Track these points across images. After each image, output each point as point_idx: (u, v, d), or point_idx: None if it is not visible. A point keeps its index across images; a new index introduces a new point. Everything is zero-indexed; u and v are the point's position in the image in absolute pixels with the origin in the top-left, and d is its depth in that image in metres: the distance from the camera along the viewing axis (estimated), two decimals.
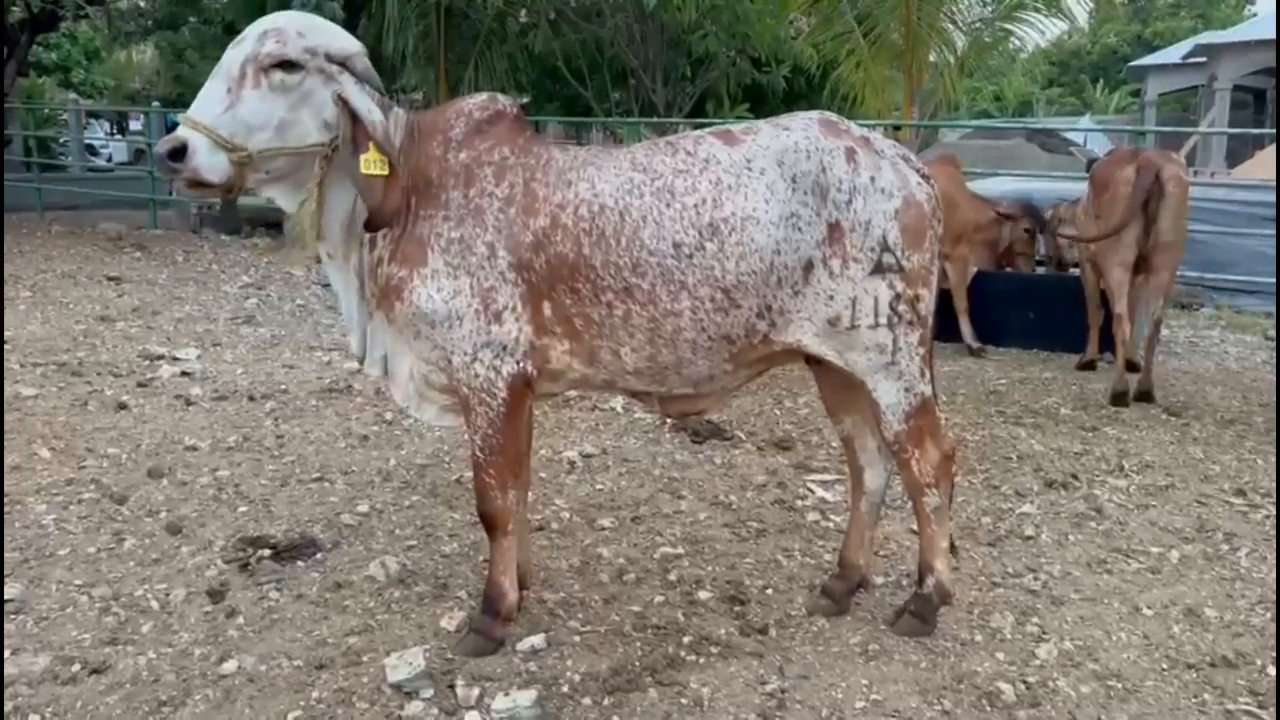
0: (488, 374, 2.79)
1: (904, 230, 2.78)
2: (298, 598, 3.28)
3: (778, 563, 3.60)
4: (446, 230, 2.78)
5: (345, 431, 5.04)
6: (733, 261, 2.72)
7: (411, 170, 2.80)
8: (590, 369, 2.88)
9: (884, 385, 2.87)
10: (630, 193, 2.77)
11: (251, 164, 2.64)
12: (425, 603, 3.27)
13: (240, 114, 2.60)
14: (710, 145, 2.82)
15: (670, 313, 2.75)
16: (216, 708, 2.66)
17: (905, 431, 2.91)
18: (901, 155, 2.90)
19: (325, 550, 3.64)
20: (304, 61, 2.63)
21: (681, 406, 3.05)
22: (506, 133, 2.87)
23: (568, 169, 2.83)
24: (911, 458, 2.95)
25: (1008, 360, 7.11)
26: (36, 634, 3.02)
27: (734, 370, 2.91)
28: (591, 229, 2.74)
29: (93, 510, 3.96)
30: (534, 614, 3.18)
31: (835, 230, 2.74)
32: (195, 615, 3.15)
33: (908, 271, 2.79)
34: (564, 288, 2.77)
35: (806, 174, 2.75)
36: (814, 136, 2.80)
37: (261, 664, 2.87)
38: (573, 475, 4.52)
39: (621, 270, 2.74)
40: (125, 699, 2.68)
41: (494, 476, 2.89)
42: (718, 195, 2.74)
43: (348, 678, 2.81)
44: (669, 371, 2.86)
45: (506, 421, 2.84)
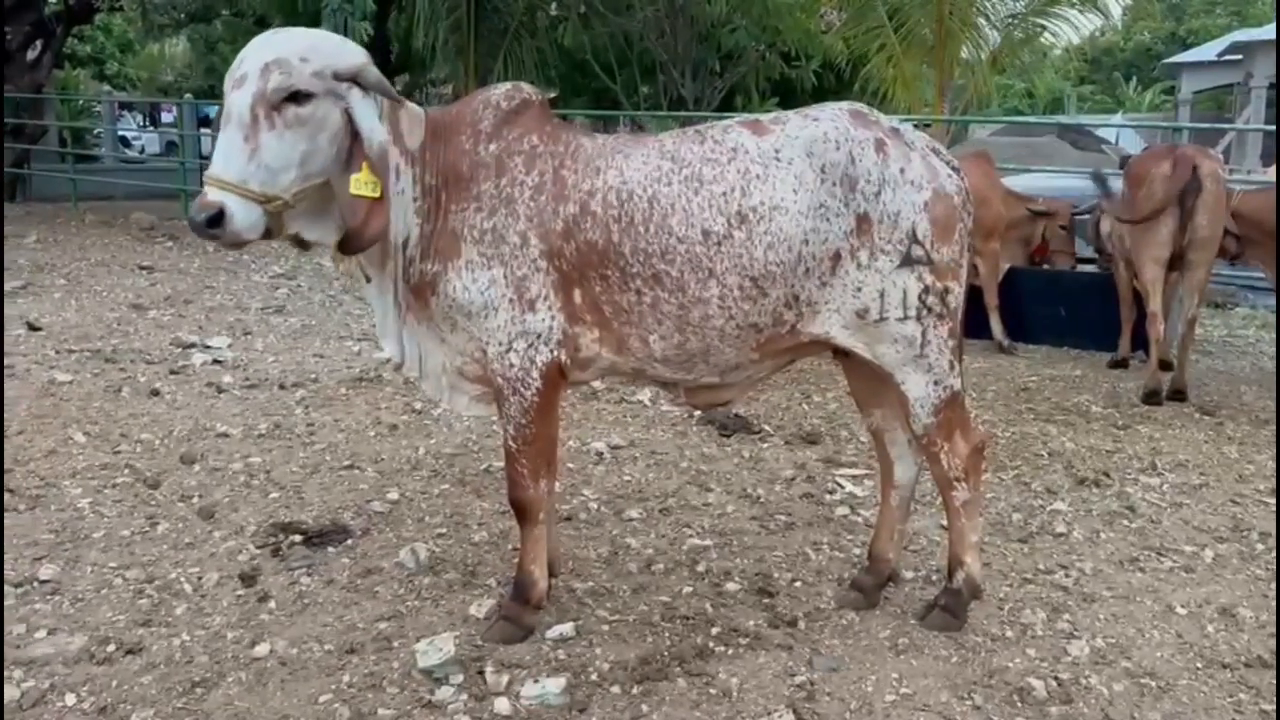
0: (522, 363, 2.79)
1: (933, 222, 2.76)
2: (329, 583, 3.30)
3: (806, 556, 3.59)
4: (479, 221, 2.78)
5: (375, 420, 5.07)
6: (761, 250, 2.72)
7: (440, 167, 2.79)
8: (619, 357, 2.87)
9: (913, 378, 2.85)
10: (659, 180, 2.76)
11: (286, 209, 2.58)
12: (454, 590, 3.28)
13: (264, 161, 2.49)
14: (738, 134, 2.82)
15: (698, 300, 2.75)
16: (248, 690, 2.69)
17: (934, 425, 2.89)
18: (932, 147, 2.88)
19: (356, 537, 3.67)
20: (314, 89, 2.52)
21: (707, 397, 3.05)
22: (534, 121, 2.86)
23: (596, 156, 2.83)
24: (941, 451, 2.93)
25: (1038, 357, 7.04)
26: (72, 614, 3.06)
27: (760, 360, 2.90)
28: (621, 216, 2.75)
29: (127, 494, 4.00)
30: (563, 602, 3.19)
31: (863, 221, 2.73)
32: (228, 599, 3.18)
33: (937, 264, 2.77)
34: (594, 274, 2.77)
35: (835, 164, 2.74)
36: (843, 127, 2.79)
37: (293, 648, 2.89)
38: (600, 466, 4.52)
39: (650, 257, 2.74)
40: (159, 679, 2.71)
41: (526, 465, 2.89)
42: (746, 184, 2.74)
43: (378, 663, 2.82)
44: (697, 360, 2.86)
45: (539, 411, 2.84)
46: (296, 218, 2.67)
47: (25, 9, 13.46)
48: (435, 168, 2.80)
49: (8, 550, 3.46)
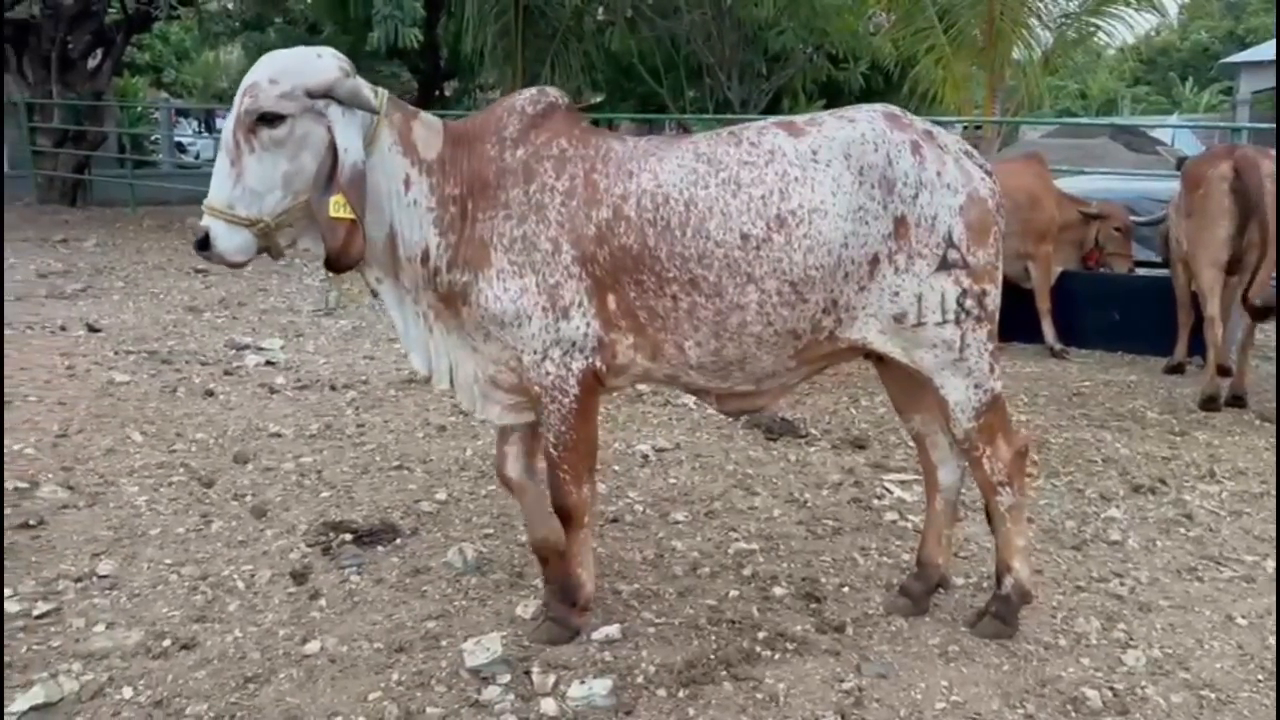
0: (558, 371, 2.76)
1: (969, 226, 2.74)
2: (378, 582, 3.34)
3: (854, 561, 3.56)
4: (509, 229, 2.73)
5: (423, 422, 5.12)
6: (800, 254, 2.68)
7: (465, 176, 2.76)
8: (654, 364, 2.84)
9: (952, 382, 2.81)
10: (695, 183, 2.72)
11: (274, 230, 2.61)
12: (501, 590, 3.30)
13: (247, 184, 2.55)
14: (774, 136, 2.78)
15: (736, 306, 2.71)
16: (299, 687, 2.72)
17: (975, 429, 2.85)
18: (965, 150, 2.86)
19: (404, 536, 3.70)
20: (285, 110, 2.53)
21: (739, 404, 3.01)
22: (562, 125, 2.82)
23: (629, 159, 2.78)
24: (983, 455, 2.89)
25: (1091, 362, 6.92)
26: (130, 609, 3.12)
27: (797, 367, 2.88)
28: (656, 219, 2.71)
29: (182, 493, 4.08)
30: (608, 604, 3.19)
31: (901, 225, 2.71)
32: (279, 596, 3.23)
33: (973, 267, 2.75)
34: (628, 280, 2.73)
35: (874, 166, 2.71)
36: (880, 129, 2.76)
37: (343, 645, 2.92)
38: (646, 469, 4.52)
39: (687, 261, 2.70)
40: (213, 675, 2.76)
41: (569, 471, 2.88)
42: (785, 187, 2.70)
43: (426, 661, 2.85)
44: (733, 367, 2.82)
45: (579, 417, 2.82)
46: (306, 233, 2.70)
47: (87, 18, 13.80)
48: (459, 177, 2.76)
49: (69, 546, 3.55)
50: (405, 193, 2.73)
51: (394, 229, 2.75)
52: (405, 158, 2.72)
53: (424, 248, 2.76)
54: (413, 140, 2.74)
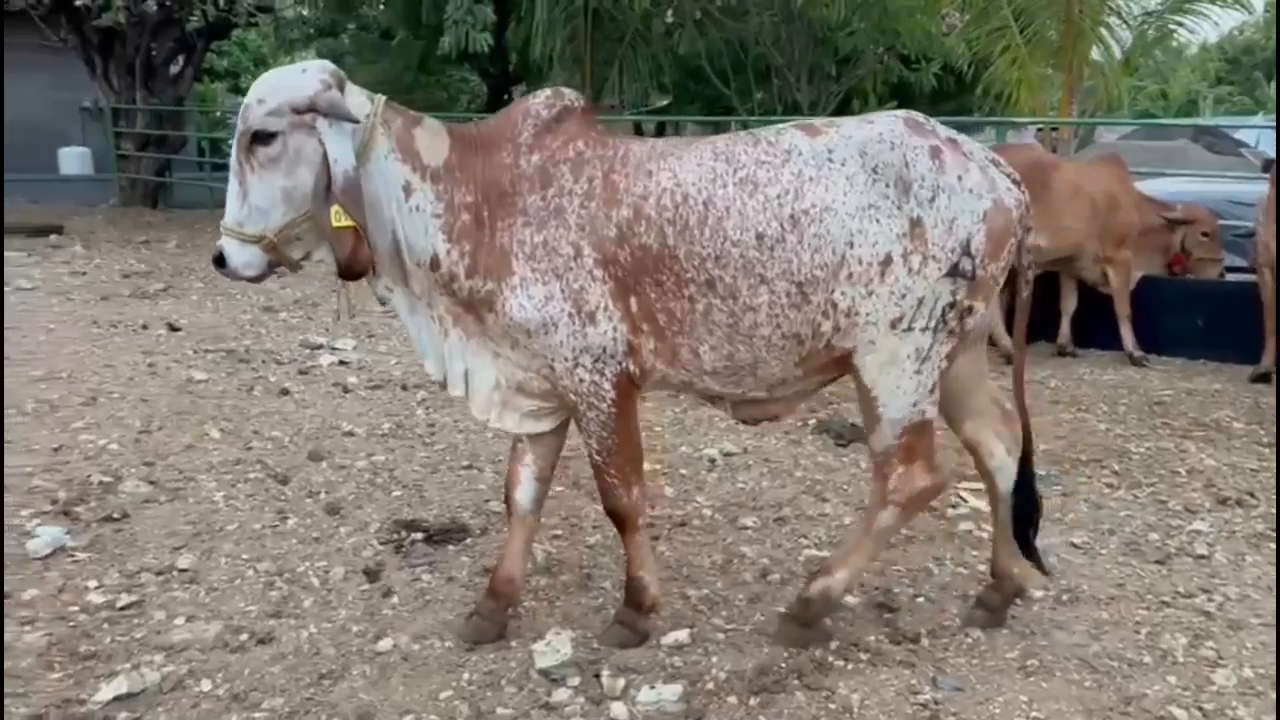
0: (592, 378, 2.74)
1: (989, 235, 2.68)
2: (449, 581, 3.36)
3: (928, 571, 3.49)
4: (529, 236, 2.71)
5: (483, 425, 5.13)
6: (808, 254, 2.65)
7: (481, 183, 2.74)
8: (671, 369, 2.82)
9: (896, 397, 2.73)
10: (714, 182, 2.70)
11: (281, 244, 2.66)
12: (570, 592, 3.30)
13: (252, 202, 2.63)
14: (792, 136, 2.76)
15: (749, 307, 2.69)
16: (373, 684, 2.75)
17: (895, 447, 2.77)
18: (991, 159, 2.80)
19: (475, 536, 3.72)
20: (274, 127, 2.58)
21: (753, 411, 2.98)
22: (578, 127, 2.80)
23: (647, 159, 2.76)
24: (893, 472, 2.80)
25: (1172, 370, 6.71)
26: (208, 603, 3.18)
27: (804, 375, 2.84)
28: (675, 219, 2.68)
29: (258, 489, 4.16)
30: (677, 609, 3.17)
31: (918, 225, 2.65)
32: (353, 593, 3.27)
33: (978, 280, 2.69)
34: (648, 280, 2.71)
35: (889, 165, 2.67)
36: (899, 130, 2.73)
37: (415, 643, 2.95)
38: (713, 473, 4.49)
39: (705, 261, 2.67)
40: (289, 670, 2.80)
41: (616, 475, 2.86)
42: (799, 186, 2.67)
43: (496, 661, 2.86)
44: (745, 373, 2.80)
45: (619, 421, 2.80)
46: (318, 244, 2.72)
47: (169, 26, 14.18)
48: (473, 184, 2.74)
49: (150, 540, 3.64)
50: (406, 199, 2.72)
51: (397, 236, 2.74)
52: (405, 164, 2.71)
53: (432, 254, 2.74)
54: (415, 147, 2.73)
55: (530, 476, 3.02)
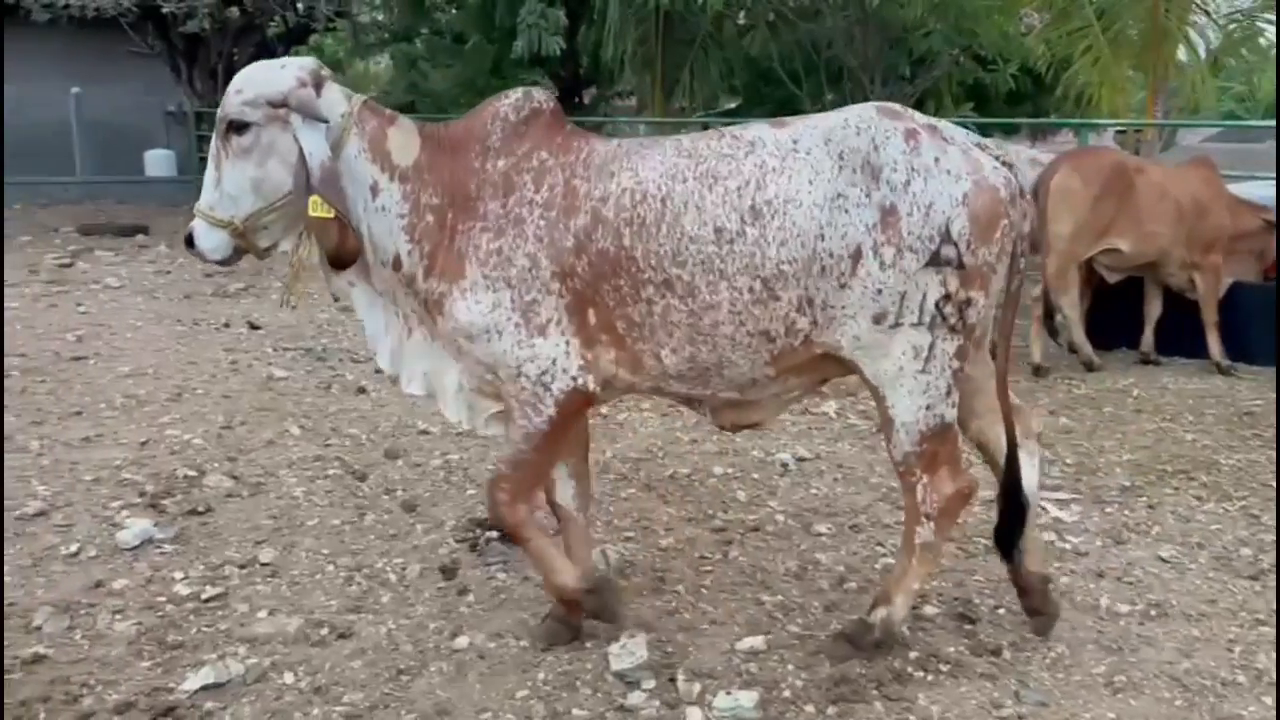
0: (533, 389, 2.71)
1: (973, 219, 2.54)
2: (523, 580, 3.38)
3: (1009, 582, 3.40)
4: (485, 242, 2.70)
5: None
6: (774, 248, 2.57)
7: (447, 185, 2.74)
8: (635, 376, 2.78)
9: (905, 400, 2.63)
10: (673, 178, 2.64)
11: (248, 231, 2.72)
12: (644, 594, 3.30)
13: (225, 188, 2.70)
14: (758, 129, 2.71)
15: (708, 306, 2.62)
16: (450, 681, 2.77)
17: (916, 454, 2.68)
18: (976, 143, 2.70)
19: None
20: (250, 118, 2.64)
21: (733, 417, 2.91)
22: (544, 132, 2.76)
23: (610, 160, 2.72)
24: (918, 483, 2.71)
25: (1262, 380, 6.45)
26: (290, 597, 3.25)
27: (777, 375, 2.74)
28: (633, 219, 2.64)
29: (337, 485, 4.23)
30: (751, 615, 3.15)
31: (889, 214, 2.53)
32: (430, 590, 3.30)
33: (968, 268, 2.55)
34: (607, 287, 2.67)
35: (855, 150, 2.58)
36: (868, 116, 2.65)
37: (491, 641, 2.97)
38: (785, 478, 4.45)
39: (663, 260, 2.62)
40: (368, 664, 2.84)
41: (508, 489, 2.80)
42: (761, 177, 2.60)
43: (571, 662, 2.86)
44: (710, 373, 2.73)
45: (546, 438, 2.75)
46: (285, 236, 2.79)
47: (251, 32, 14.55)
48: (440, 186, 2.74)
49: (233, 533, 3.72)
50: (373, 199, 2.73)
51: (362, 234, 2.75)
52: (374, 164, 2.73)
53: (394, 254, 2.76)
54: (386, 147, 2.74)
55: (564, 475, 3.01)
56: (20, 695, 2.63)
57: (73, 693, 2.66)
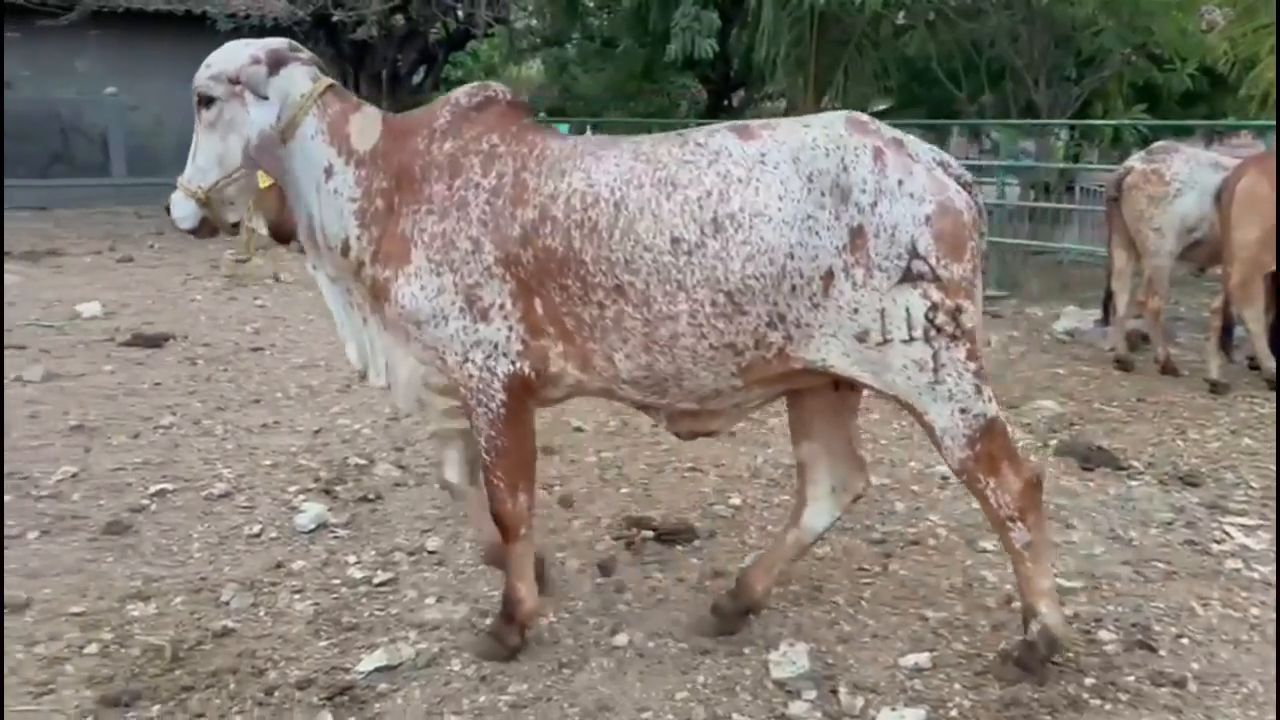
0: (482, 374, 2.68)
1: (938, 238, 2.49)
2: (679, 581, 3.39)
3: (1192, 611, 3.21)
4: (430, 225, 2.68)
5: None
6: (738, 262, 2.48)
7: (395, 169, 2.74)
8: (584, 374, 2.72)
9: (934, 408, 2.57)
10: (629, 183, 2.57)
11: (213, 201, 2.85)
12: (800, 603, 3.26)
13: (197, 161, 2.84)
14: (723, 138, 2.61)
15: (666, 316, 2.54)
16: (610, 677, 2.80)
17: (971, 458, 2.60)
18: (939, 161, 2.62)
19: (702, 538, 3.74)
20: (214, 93, 2.77)
21: (689, 425, 2.83)
22: (497, 120, 2.74)
23: (564, 158, 2.66)
24: (986, 488, 2.64)
25: None
26: (456, 585, 3.35)
27: (745, 387, 2.66)
28: (583, 221, 2.57)
29: None
30: (915, 630, 3.07)
31: (858, 236, 2.48)
32: (588, 585, 3.35)
33: (945, 281, 2.49)
34: (553, 284, 2.61)
35: (824, 172, 2.50)
36: (836, 134, 2.56)
37: (649, 641, 2.98)
38: (947, 491, 4.32)
39: (614, 266, 2.54)
40: (530, 655, 2.89)
41: (502, 478, 2.77)
42: (725, 188, 2.51)
43: (730, 667, 2.85)
44: (669, 383, 2.65)
45: (507, 423, 2.72)
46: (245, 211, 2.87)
47: (414, 38, 15.14)
48: (390, 170, 2.75)
49: (401, 521, 3.86)
50: (326, 181, 2.77)
51: (313, 216, 2.80)
52: (331, 147, 2.77)
53: (344, 239, 2.78)
54: (346, 130, 2.78)
55: (455, 458, 3.08)
56: (212, 665, 2.79)
57: (258, 666, 2.81)
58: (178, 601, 3.16)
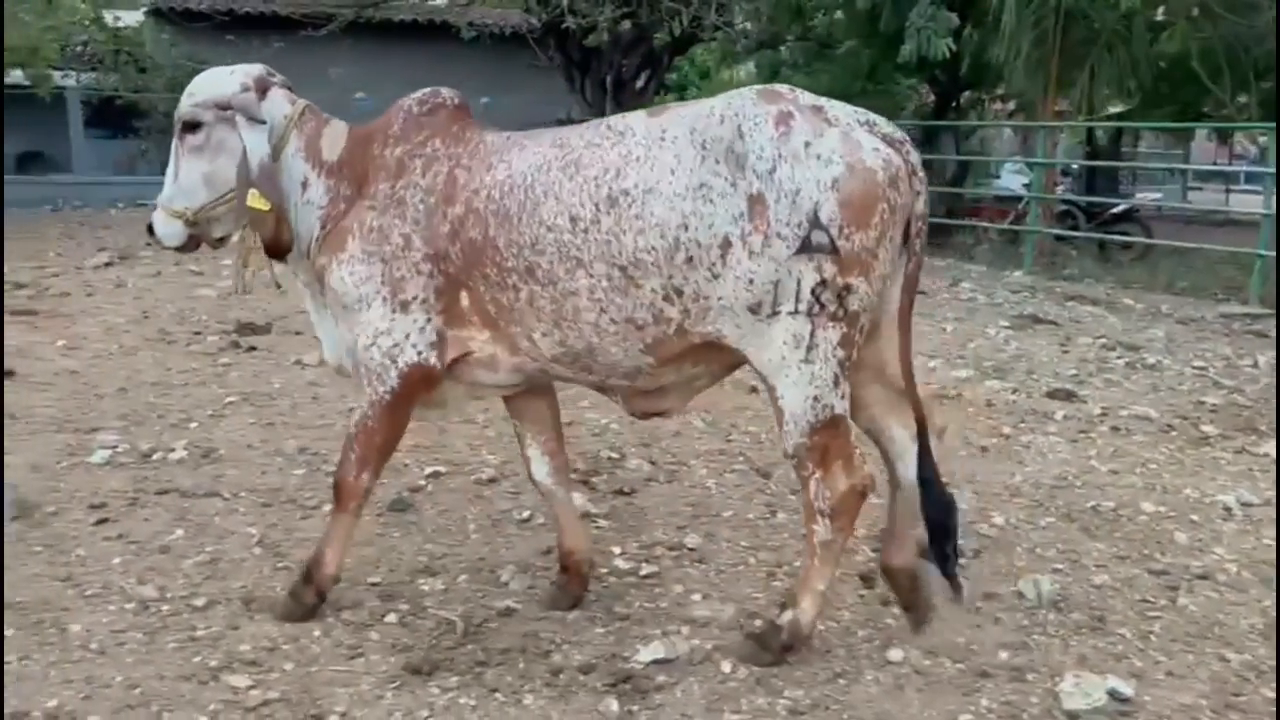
0: (382, 359, 2.83)
1: (844, 203, 2.47)
2: (949, 600, 3.28)
3: None
4: (369, 219, 2.85)
5: (963, 440, 4.99)
6: (630, 236, 2.57)
7: (354, 174, 2.92)
8: (516, 357, 2.85)
9: (792, 390, 2.58)
10: (540, 169, 2.70)
11: (200, 222, 2.97)
12: (1083, 632, 3.09)
13: (180, 183, 2.96)
14: (634, 119, 2.71)
15: (569, 292, 2.66)
16: (887, 692, 2.75)
17: (806, 446, 2.63)
18: (864, 122, 2.59)
19: (967, 557, 3.61)
20: (200, 118, 2.90)
21: (642, 405, 2.94)
22: (442, 123, 2.91)
23: (493, 153, 2.81)
24: (811, 477, 2.68)
25: None
26: (718, 584, 3.38)
27: (658, 364, 2.73)
28: (499, 209, 2.72)
29: (744, 480, 4.36)
30: (1215, 671, 2.86)
31: (757, 203, 2.48)
32: (851, 596, 3.31)
33: (843, 254, 2.48)
34: (477, 274, 2.77)
35: (718, 140, 2.53)
36: (737, 103, 2.57)
37: (925, 659, 2.91)
38: (1230, 524, 4.00)
39: (523, 249, 2.68)
40: (802, 661, 2.86)
41: (357, 452, 2.91)
42: (623, 166, 2.60)
43: (1014, 693, 2.74)
44: (586, 359, 2.76)
45: (389, 408, 2.87)
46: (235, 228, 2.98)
47: (640, 43, 15.43)
48: (351, 176, 2.93)
49: (657, 516, 3.94)
50: (303, 193, 2.96)
51: (295, 226, 2.97)
52: (307, 162, 2.95)
53: (309, 241, 2.97)
54: (318, 145, 2.96)
55: (537, 454, 3.19)
56: (501, 643, 2.93)
57: (542, 647, 2.92)
58: (462, 580, 3.34)
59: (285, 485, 4.12)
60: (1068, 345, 7.41)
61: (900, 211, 2.58)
